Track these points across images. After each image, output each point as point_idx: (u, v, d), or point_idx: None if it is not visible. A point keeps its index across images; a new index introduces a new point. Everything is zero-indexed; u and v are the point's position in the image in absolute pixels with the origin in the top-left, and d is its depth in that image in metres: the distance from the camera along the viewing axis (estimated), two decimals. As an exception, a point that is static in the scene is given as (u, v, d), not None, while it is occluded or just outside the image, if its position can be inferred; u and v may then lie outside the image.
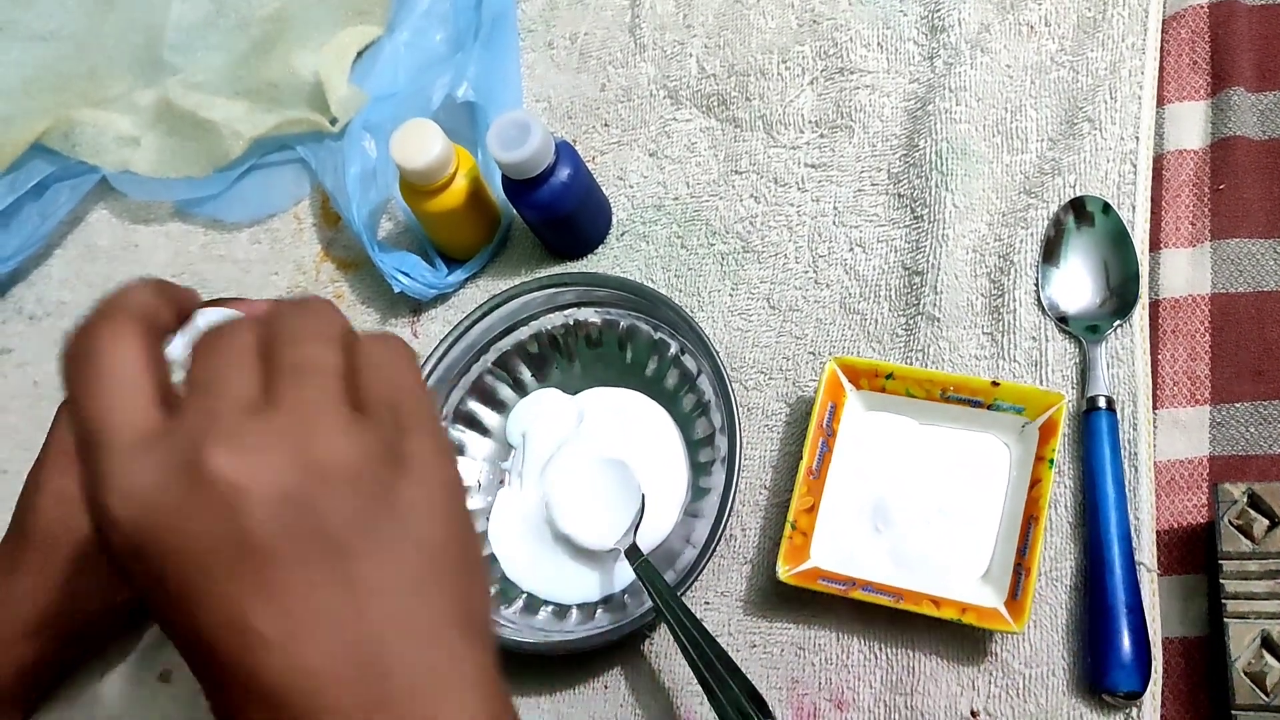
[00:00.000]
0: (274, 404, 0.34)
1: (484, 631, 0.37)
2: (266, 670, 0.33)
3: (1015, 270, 0.61)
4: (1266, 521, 0.51)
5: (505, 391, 0.67)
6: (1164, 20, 0.65)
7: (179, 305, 0.40)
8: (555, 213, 0.65)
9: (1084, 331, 0.59)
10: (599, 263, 0.70)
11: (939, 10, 0.68)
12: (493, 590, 0.42)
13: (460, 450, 0.66)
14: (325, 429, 0.34)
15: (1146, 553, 0.54)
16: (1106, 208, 0.60)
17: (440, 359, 0.65)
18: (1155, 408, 0.57)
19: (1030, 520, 0.54)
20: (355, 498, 0.34)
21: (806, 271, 0.66)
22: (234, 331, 0.36)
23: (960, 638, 0.55)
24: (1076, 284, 0.60)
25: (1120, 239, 0.60)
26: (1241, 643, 0.49)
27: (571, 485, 0.63)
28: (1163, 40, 0.64)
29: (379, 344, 0.37)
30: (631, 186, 0.71)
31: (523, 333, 0.67)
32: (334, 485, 0.34)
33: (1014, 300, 0.60)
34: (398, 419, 0.36)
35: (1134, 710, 0.52)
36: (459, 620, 0.36)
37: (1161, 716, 0.52)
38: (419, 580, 0.35)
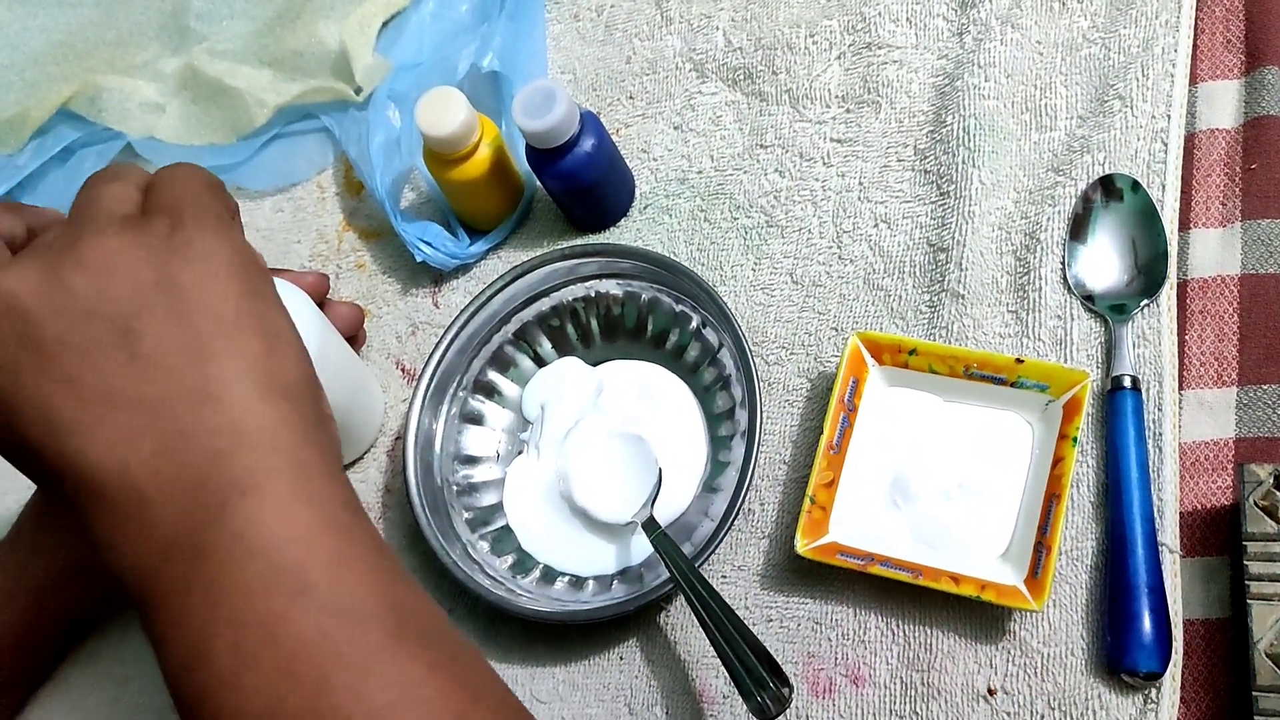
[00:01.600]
0: (60, 234, 0.40)
1: (291, 393, 0.40)
2: (78, 455, 0.37)
3: (1041, 248, 0.60)
4: (1292, 503, 0.50)
5: (525, 362, 0.67)
6: (1198, -2, 0.64)
7: (35, 220, 0.47)
8: (578, 183, 0.65)
9: (1110, 311, 0.58)
10: (621, 235, 0.69)
11: (969, -15, 0.67)
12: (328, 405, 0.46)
13: (479, 420, 0.66)
14: (95, 233, 0.39)
15: (1169, 534, 0.54)
16: (1136, 185, 0.60)
17: (461, 329, 0.65)
18: (1181, 388, 0.57)
19: (1052, 498, 0.54)
20: (127, 283, 0.38)
21: (830, 247, 0.65)
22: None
23: (979, 615, 0.55)
24: (1104, 262, 0.59)
25: (1149, 217, 0.59)
26: (1264, 624, 0.49)
27: (588, 459, 0.62)
28: (1196, 18, 0.64)
29: (171, 168, 0.43)
30: (655, 159, 0.71)
31: (544, 304, 0.67)
32: (106, 276, 0.38)
33: (1040, 278, 0.60)
34: (177, 217, 0.40)
35: (1153, 691, 0.51)
36: (258, 382, 0.38)
37: (1181, 698, 0.51)
38: (204, 348, 0.38)
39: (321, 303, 0.66)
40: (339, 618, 0.36)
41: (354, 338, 0.68)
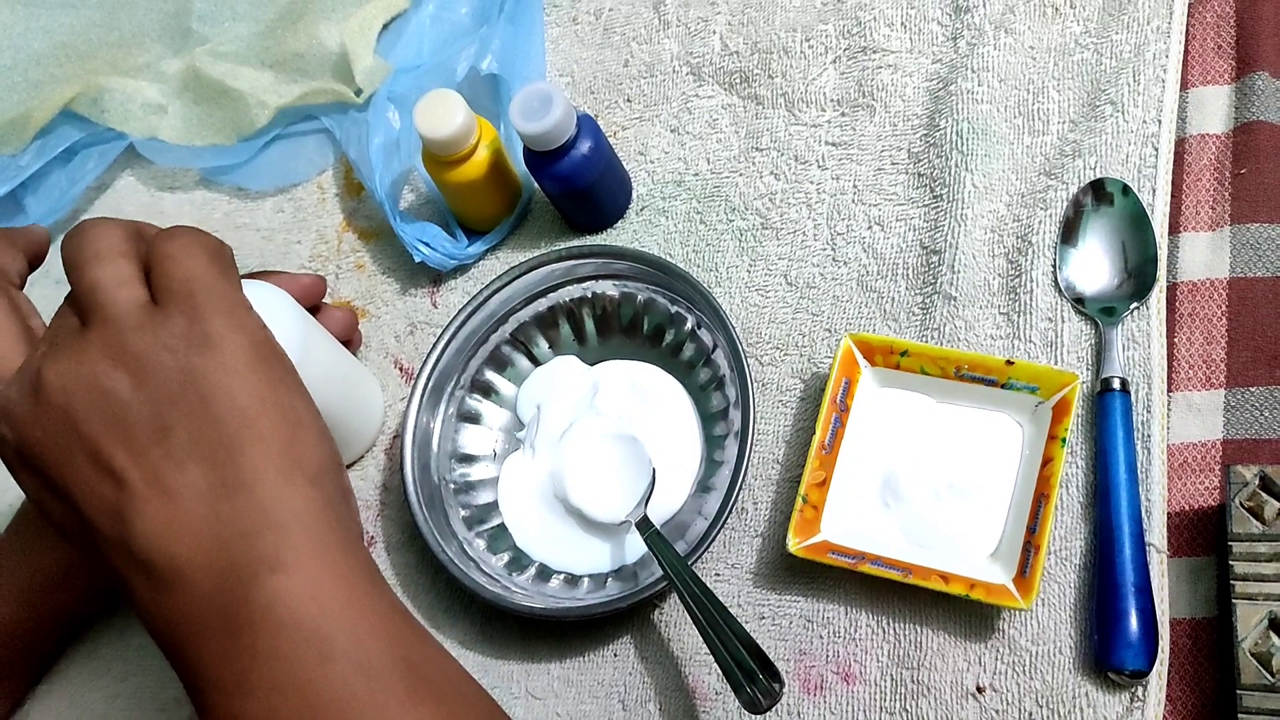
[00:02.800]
0: (87, 324, 0.42)
1: (313, 475, 0.42)
2: (127, 538, 0.40)
3: (1033, 251, 0.61)
4: (1278, 504, 0.51)
5: (522, 362, 0.68)
6: (1189, 4, 0.65)
7: (29, 248, 0.53)
8: (575, 185, 0.66)
9: (1100, 313, 0.59)
10: (618, 237, 0.70)
11: (964, -10, 0.68)
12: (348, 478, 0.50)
13: (476, 419, 0.67)
14: (119, 332, 0.41)
15: (1157, 534, 0.54)
16: (1126, 189, 0.60)
17: (459, 328, 0.66)
18: (1170, 390, 0.58)
19: (1041, 498, 0.55)
20: (157, 380, 0.41)
21: (825, 249, 0.66)
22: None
23: (968, 614, 0.56)
24: (1094, 265, 0.60)
25: (1139, 221, 0.60)
26: (1249, 623, 0.49)
27: (583, 460, 0.63)
28: (1188, 24, 0.64)
29: (169, 241, 0.44)
30: (652, 162, 0.72)
31: (541, 304, 0.67)
32: (138, 374, 0.41)
33: (1031, 281, 0.60)
34: (193, 307, 0.42)
35: (1139, 689, 0.52)
36: (282, 469, 0.41)
37: (1167, 695, 0.52)
38: (232, 441, 0.41)
39: (317, 306, 0.67)
40: (363, 678, 0.40)
41: (349, 341, 0.69)
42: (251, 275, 0.64)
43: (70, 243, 0.45)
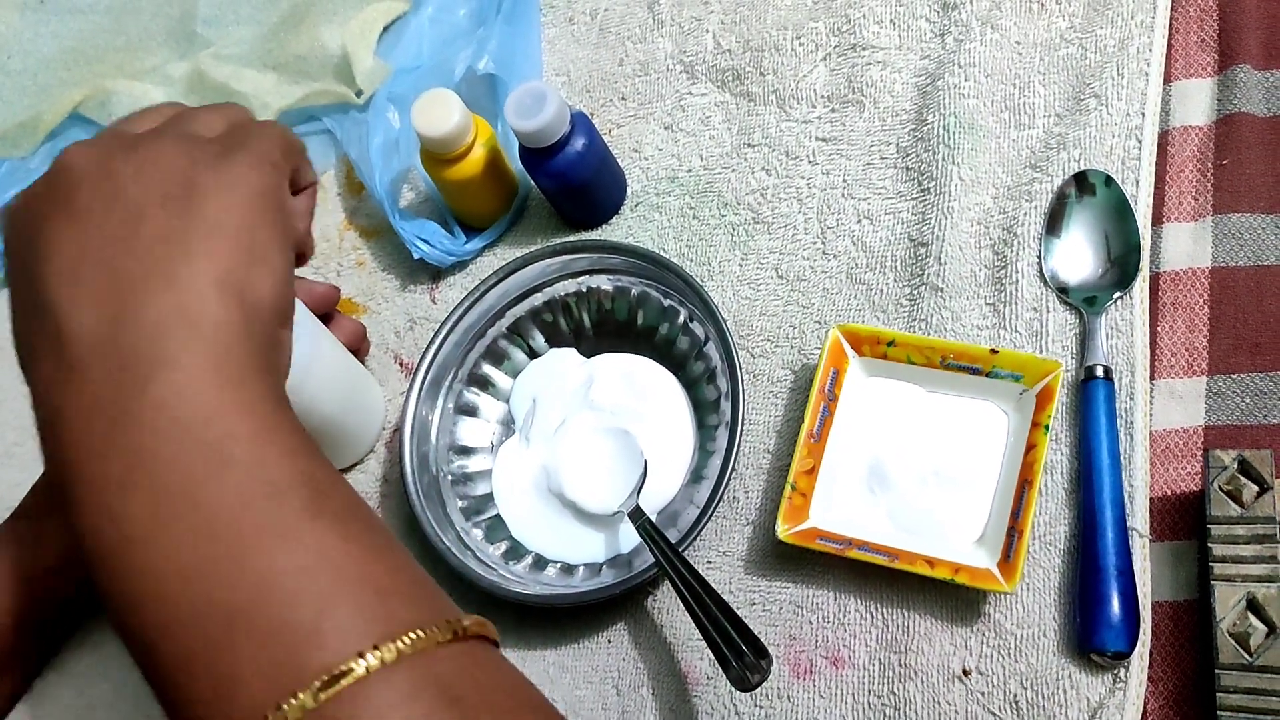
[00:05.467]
0: (143, 131, 0.46)
1: (250, 304, 0.43)
2: (55, 302, 0.41)
3: (1018, 242, 0.62)
4: (1256, 487, 0.52)
5: (519, 356, 0.69)
6: (1173, -2, 0.66)
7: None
8: (570, 182, 0.67)
9: (1084, 303, 0.60)
10: (613, 232, 0.71)
11: (951, -13, 0.69)
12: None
13: (473, 412, 0.68)
14: (159, 135, 0.45)
15: (1139, 518, 0.55)
16: (1109, 180, 0.61)
17: (456, 323, 0.67)
18: (1153, 378, 0.58)
19: (1024, 484, 0.56)
20: (159, 178, 0.43)
21: (815, 242, 0.67)
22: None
23: (954, 598, 0.57)
24: (1078, 255, 0.61)
25: (1122, 211, 0.61)
26: (1227, 604, 0.50)
27: (576, 454, 0.64)
28: (1171, 18, 0.65)
29: (270, 120, 0.49)
30: (646, 159, 0.73)
31: (537, 299, 0.68)
32: (146, 168, 0.43)
33: (1016, 272, 0.61)
34: (232, 145, 0.45)
35: (1121, 670, 0.53)
36: (222, 283, 0.42)
37: (1148, 676, 0.53)
38: (192, 244, 0.42)
39: (329, 314, 0.68)
40: (259, 489, 0.39)
41: (357, 350, 0.71)
42: None
43: (209, 105, 0.49)
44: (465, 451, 0.67)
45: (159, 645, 0.37)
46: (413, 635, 0.37)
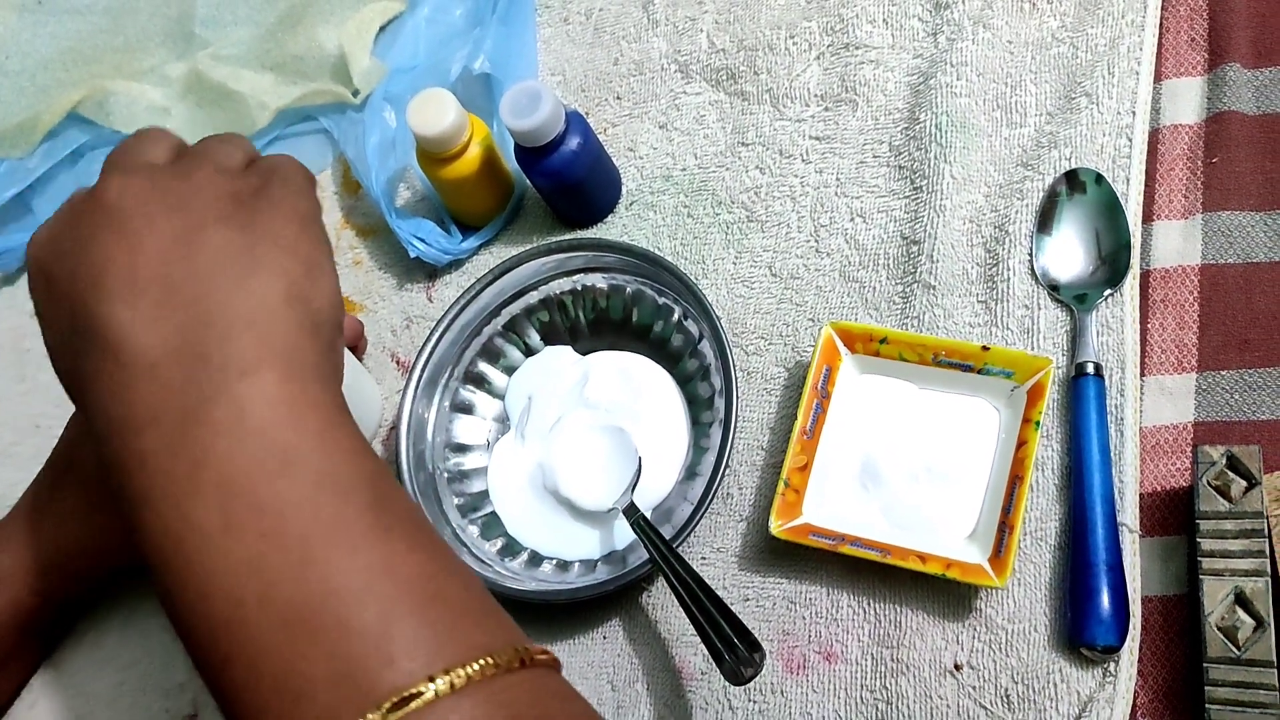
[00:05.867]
0: (167, 163, 0.46)
1: (311, 312, 0.44)
2: (110, 318, 0.41)
3: (1010, 240, 0.62)
4: (1244, 483, 0.52)
5: (514, 354, 0.70)
6: (1164, -3, 0.66)
7: None
8: (565, 180, 0.67)
9: (1074, 300, 0.60)
10: (608, 231, 0.72)
11: (944, -13, 0.70)
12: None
13: (469, 410, 0.68)
14: (197, 162, 0.46)
15: (1129, 514, 0.56)
16: (1099, 178, 0.62)
17: (452, 321, 0.68)
18: (1143, 375, 0.59)
19: (1015, 480, 0.56)
20: (210, 199, 0.44)
21: (808, 241, 0.67)
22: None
23: (946, 593, 0.57)
24: (1069, 252, 0.61)
25: (1112, 208, 0.61)
26: (1215, 598, 0.51)
27: (571, 451, 0.65)
28: (1162, 17, 0.66)
29: (278, 154, 0.49)
30: (641, 158, 0.73)
31: (532, 297, 0.69)
32: (195, 188, 0.44)
33: (1008, 269, 0.62)
34: (267, 179, 0.46)
35: (1111, 664, 0.53)
36: (285, 293, 0.43)
37: (1138, 670, 0.53)
38: (253, 259, 0.43)
39: None
40: (325, 493, 0.39)
41: (354, 347, 0.71)
42: None
43: (209, 136, 0.50)
44: (461, 449, 0.68)
45: (225, 647, 0.37)
46: (483, 661, 0.37)
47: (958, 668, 0.56)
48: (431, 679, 0.36)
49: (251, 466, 0.39)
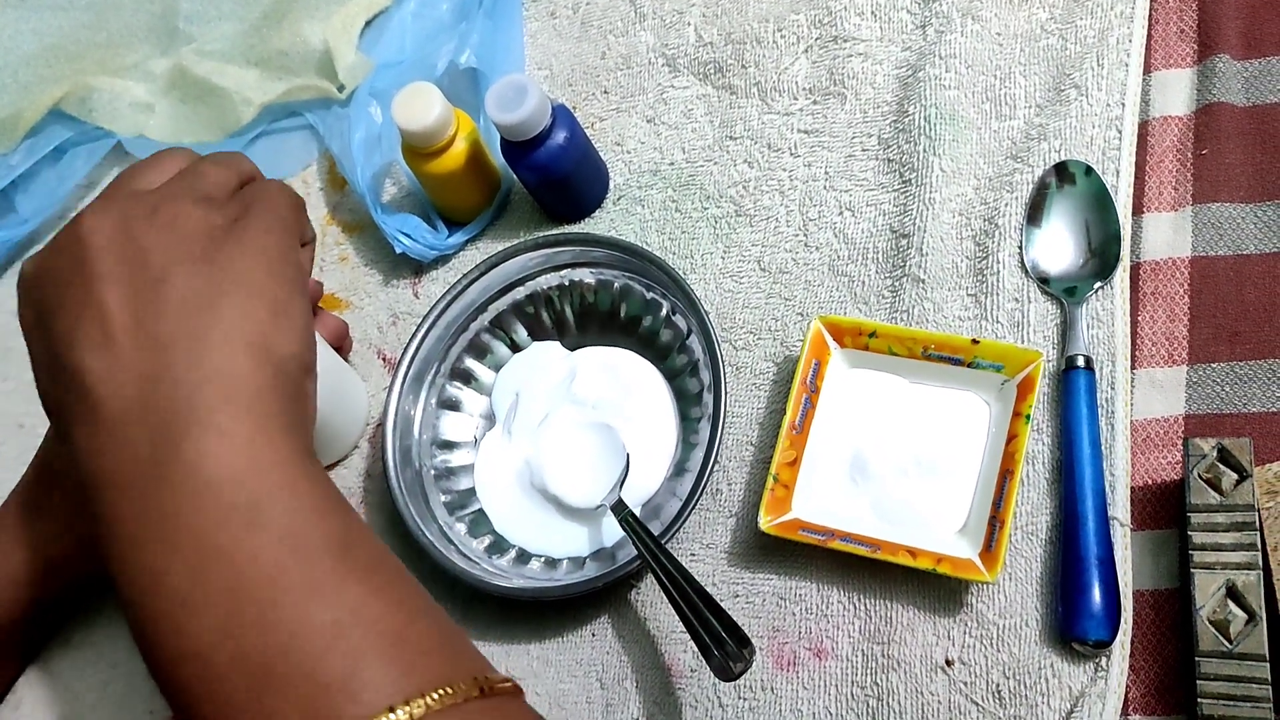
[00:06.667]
0: (153, 191, 0.47)
1: (277, 361, 0.44)
2: (84, 370, 0.42)
3: (999, 233, 0.62)
4: (1235, 475, 0.52)
5: (501, 349, 0.69)
6: (1153, -11, 0.66)
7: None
8: (552, 175, 0.67)
9: (1064, 293, 0.60)
10: (596, 226, 0.71)
11: (932, -21, 0.69)
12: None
13: (456, 406, 0.68)
14: (175, 199, 0.45)
15: (1120, 507, 0.55)
16: (1089, 170, 0.61)
17: (439, 316, 0.67)
18: (1133, 367, 0.59)
19: (1006, 474, 0.56)
20: (180, 242, 0.44)
21: (797, 235, 0.67)
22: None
23: (937, 589, 0.57)
24: (1058, 245, 0.61)
25: (1102, 200, 0.61)
26: (1207, 592, 0.50)
27: (559, 448, 0.64)
28: (1151, 8, 0.65)
29: (273, 180, 0.49)
30: (629, 152, 0.73)
31: (519, 292, 0.68)
32: (166, 233, 0.44)
33: (997, 262, 0.61)
34: (248, 210, 0.46)
35: (1103, 659, 0.53)
36: (250, 342, 0.43)
37: (1130, 665, 0.53)
38: (218, 304, 0.43)
39: (313, 309, 0.68)
40: (290, 547, 0.40)
41: (340, 347, 0.71)
42: None
43: (209, 154, 0.51)
44: (448, 446, 0.67)
45: (200, 701, 0.39)
46: (442, 691, 0.38)
47: (949, 663, 0.55)
48: (392, 709, 0.37)
49: (216, 526, 0.40)
